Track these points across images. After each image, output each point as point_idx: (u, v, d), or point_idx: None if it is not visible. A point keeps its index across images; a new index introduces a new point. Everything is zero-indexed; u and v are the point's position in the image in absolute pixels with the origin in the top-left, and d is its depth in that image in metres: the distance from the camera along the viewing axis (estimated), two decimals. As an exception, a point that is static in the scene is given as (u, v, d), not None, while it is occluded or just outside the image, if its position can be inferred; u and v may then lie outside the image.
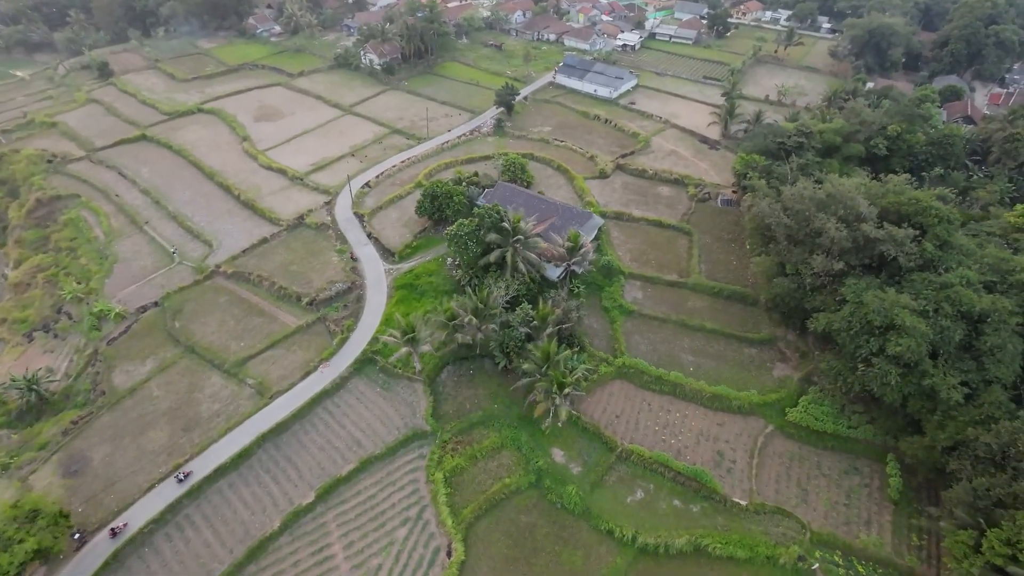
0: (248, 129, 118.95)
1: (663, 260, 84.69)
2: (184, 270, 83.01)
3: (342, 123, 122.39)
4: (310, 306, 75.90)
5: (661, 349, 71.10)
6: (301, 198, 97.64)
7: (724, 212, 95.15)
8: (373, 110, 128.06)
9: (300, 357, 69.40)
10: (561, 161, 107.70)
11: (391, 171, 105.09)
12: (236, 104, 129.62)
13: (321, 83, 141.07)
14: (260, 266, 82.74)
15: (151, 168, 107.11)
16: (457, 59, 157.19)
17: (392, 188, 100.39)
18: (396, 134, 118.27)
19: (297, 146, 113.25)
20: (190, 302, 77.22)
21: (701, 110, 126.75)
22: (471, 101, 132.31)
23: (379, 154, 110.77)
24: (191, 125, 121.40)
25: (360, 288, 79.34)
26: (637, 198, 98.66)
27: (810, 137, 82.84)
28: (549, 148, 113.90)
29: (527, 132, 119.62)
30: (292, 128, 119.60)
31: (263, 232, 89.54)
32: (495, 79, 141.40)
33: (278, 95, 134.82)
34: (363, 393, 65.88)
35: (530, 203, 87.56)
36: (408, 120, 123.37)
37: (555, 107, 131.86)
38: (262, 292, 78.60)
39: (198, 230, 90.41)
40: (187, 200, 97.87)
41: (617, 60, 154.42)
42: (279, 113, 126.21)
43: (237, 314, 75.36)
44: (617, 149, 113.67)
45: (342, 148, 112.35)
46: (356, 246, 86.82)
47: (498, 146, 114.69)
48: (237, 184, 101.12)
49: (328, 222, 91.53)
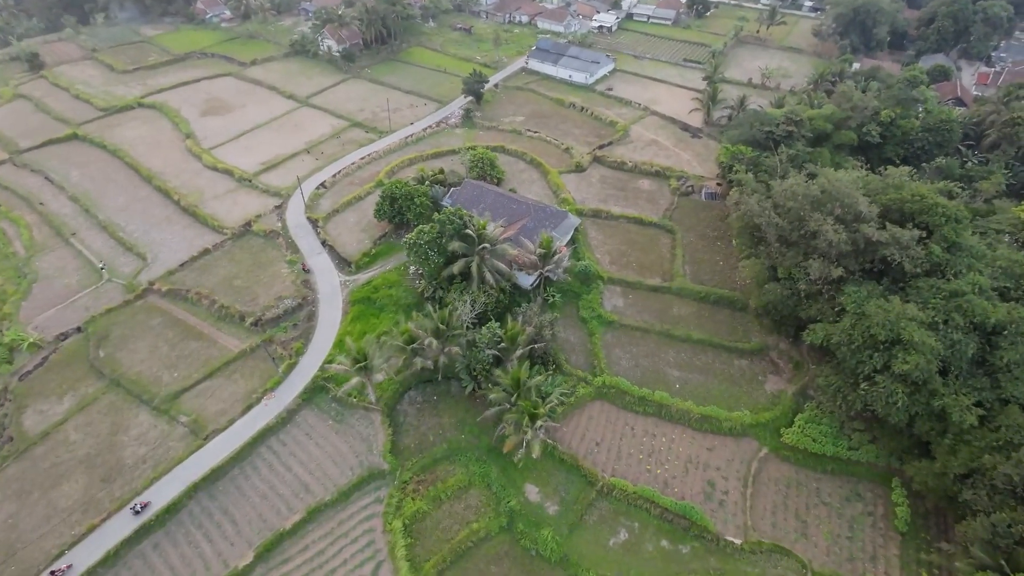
0: (193, 125, 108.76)
1: (645, 262, 78.24)
2: (113, 288, 74.12)
3: (297, 116, 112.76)
4: (255, 327, 67.92)
5: (644, 364, 64.90)
6: (249, 202, 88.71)
7: (708, 207, 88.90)
8: (332, 101, 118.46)
9: (242, 387, 61.69)
10: (534, 154, 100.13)
11: (350, 169, 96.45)
12: (181, 97, 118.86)
13: (276, 72, 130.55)
14: (200, 282, 74.24)
15: (82, 171, 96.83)
16: (424, 44, 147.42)
17: (350, 188, 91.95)
18: (356, 127, 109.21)
19: (247, 143, 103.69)
20: (118, 326, 68.60)
21: (682, 95, 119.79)
22: (438, 90, 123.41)
23: (337, 150, 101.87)
24: (129, 122, 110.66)
25: (312, 304, 71.47)
26: (616, 193, 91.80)
27: (800, 125, 76.54)
28: (521, 140, 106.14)
29: (498, 123, 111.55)
30: (242, 123, 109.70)
31: (205, 242, 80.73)
32: (464, 65, 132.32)
33: (228, 86, 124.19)
34: (313, 427, 58.59)
35: (500, 203, 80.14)
36: (370, 112, 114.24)
37: (528, 95, 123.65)
38: (201, 312, 70.28)
39: (131, 241, 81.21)
40: (121, 207, 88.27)
41: (593, 43, 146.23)
42: (228, 106, 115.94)
43: (172, 339, 67.07)
44: (594, 139, 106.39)
45: (296, 144, 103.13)
46: (309, 255, 78.67)
47: (467, 139, 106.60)
48: (178, 187, 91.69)
49: (278, 229, 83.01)
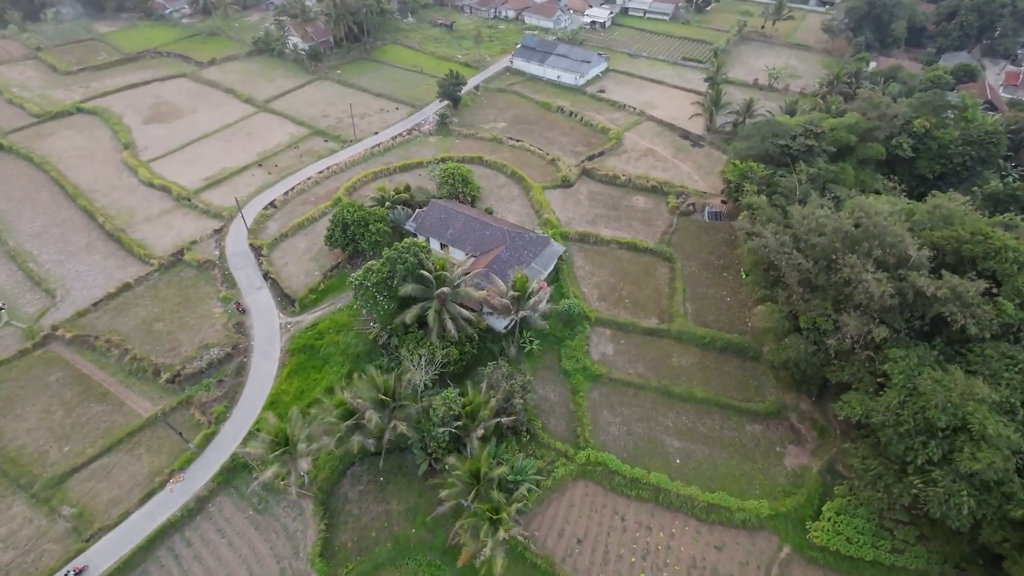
0: (134, 134, 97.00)
1: (639, 298, 67.10)
2: (11, 334, 62.61)
3: (253, 123, 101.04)
4: (171, 384, 56.57)
5: (638, 431, 53.83)
6: (185, 225, 77.16)
7: (712, 229, 77.77)
8: (293, 106, 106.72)
9: (146, 466, 50.42)
10: (516, 166, 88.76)
11: (305, 184, 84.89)
12: (126, 101, 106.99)
13: (235, 73, 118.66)
14: (114, 325, 62.84)
15: (0, 188, 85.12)
16: (400, 42, 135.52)
17: (303, 208, 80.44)
18: (317, 136, 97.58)
19: (192, 154, 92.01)
20: (7, 384, 57.12)
21: (681, 98, 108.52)
22: (412, 92, 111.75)
23: (293, 163, 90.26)
24: (64, 130, 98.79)
25: (244, 354, 60.14)
26: (607, 212, 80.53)
27: (820, 138, 65.30)
28: (502, 149, 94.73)
29: (477, 129, 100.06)
30: (189, 131, 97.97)
31: (127, 275, 69.22)
32: (443, 65, 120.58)
33: (180, 89, 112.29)
34: (229, 520, 47.39)
35: (471, 228, 68.90)
36: (334, 118, 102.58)
37: (511, 97, 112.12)
38: (110, 365, 58.87)
39: (41, 275, 69.65)
40: (37, 232, 76.60)
41: (584, 40, 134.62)
42: (177, 112, 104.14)
43: (70, 400, 55.69)
44: (583, 149, 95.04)
45: (248, 156, 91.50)
46: (247, 291, 67.31)
47: (441, 148, 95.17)
48: (106, 207, 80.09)
49: (215, 258, 71.54)
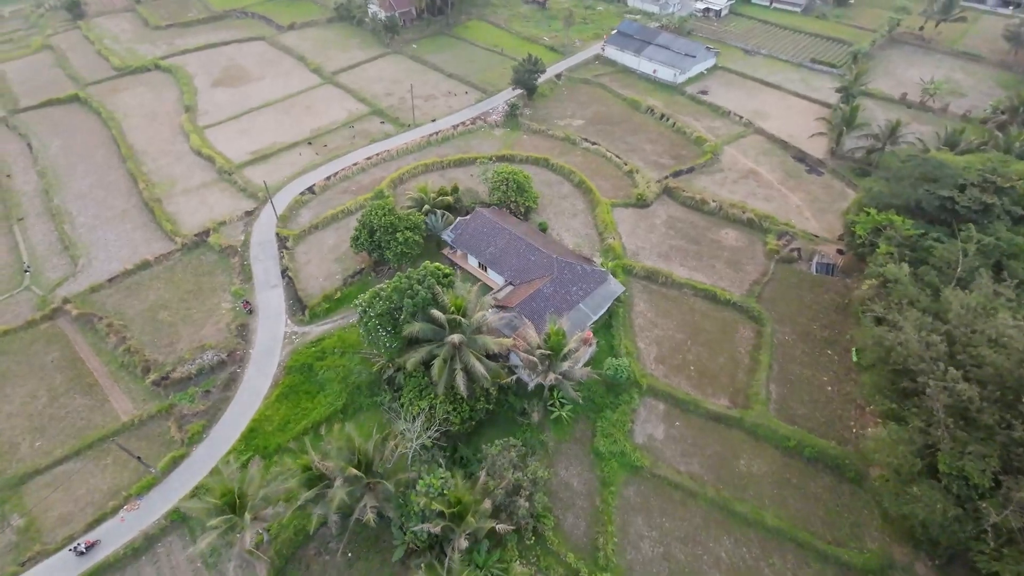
0: (199, 96, 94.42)
1: (709, 366, 53.20)
2: (28, 300, 60.47)
3: (314, 95, 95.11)
4: (157, 387, 51.21)
5: (679, 556, 41.16)
6: (220, 202, 72.35)
7: (820, 285, 61.27)
8: (359, 80, 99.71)
9: (108, 480, 45.19)
10: (586, 174, 75.97)
11: (350, 170, 77.39)
12: (201, 61, 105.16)
13: (311, 40, 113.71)
14: (121, 307, 58.75)
15: (65, 141, 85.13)
16: (486, 18, 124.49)
17: (342, 197, 73.01)
18: (375, 116, 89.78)
19: (247, 124, 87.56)
20: (5, 358, 54.56)
21: (802, 109, 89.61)
22: (487, 75, 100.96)
23: (343, 144, 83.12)
24: (138, 86, 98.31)
25: (240, 363, 53.65)
26: (686, 246, 66.14)
27: (1004, 194, 47.02)
28: (574, 152, 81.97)
29: (550, 125, 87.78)
30: (251, 99, 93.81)
31: (151, 250, 65.24)
32: (526, 47, 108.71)
33: (255, 53, 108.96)
34: (175, 569, 40.89)
35: (515, 249, 57.86)
36: (398, 97, 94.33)
37: (595, 91, 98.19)
38: (105, 352, 54.63)
39: (72, 238, 67.46)
40: (82, 191, 75.07)
41: (693, 30, 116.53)
42: (245, 76, 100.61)
43: (58, 387, 51.95)
44: (669, 161, 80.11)
45: (300, 131, 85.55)
46: (261, 288, 60.91)
47: (505, 143, 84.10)
48: (151, 173, 77.25)
49: (238, 244, 65.93)
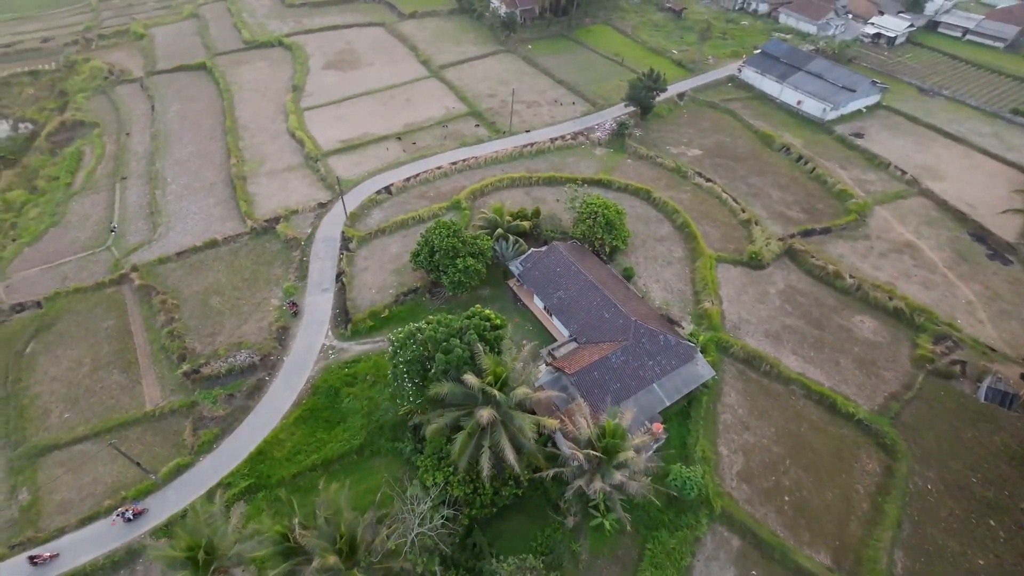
0: (309, 76, 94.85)
1: (812, 501, 40.82)
2: (105, 260, 61.89)
3: (417, 88, 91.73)
4: (187, 378, 49.04)
5: None
6: (299, 189, 70.50)
7: (989, 419, 45.67)
8: (465, 77, 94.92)
9: (115, 473, 43.22)
10: (692, 216, 64.74)
11: (433, 174, 72.35)
12: (319, 42, 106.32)
13: (428, 31, 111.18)
14: (180, 284, 58.00)
15: (183, 106, 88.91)
16: (612, 22, 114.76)
17: (417, 202, 68.07)
18: (472, 117, 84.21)
19: (345, 110, 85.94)
20: (70, 316, 55.55)
21: (991, 172, 71.03)
22: (600, 87, 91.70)
23: (432, 144, 78.42)
24: (259, 60, 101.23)
25: (270, 370, 50.15)
26: (805, 328, 53.03)
27: None
28: (683, 186, 70.71)
29: (660, 151, 76.94)
30: (356, 84, 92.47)
31: (223, 229, 64.56)
32: (650, 59, 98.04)
33: (371, 38, 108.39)
34: (147, 594, 37.68)
35: (588, 301, 48.96)
36: (501, 99, 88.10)
37: (722, 117, 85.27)
38: (154, 329, 53.75)
39: (160, 205, 68.77)
40: (182, 158, 77.07)
41: (855, 58, 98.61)
42: (356, 62, 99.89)
43: (102, 357, 51.64)
44: (800, 215, 66.27)
45: (393, 125, 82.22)
46: (313, 289, 57.37)
47: (605, 166, 74.73)
48: (245, 149, 77.65)
49: (304, 237, 63.20)
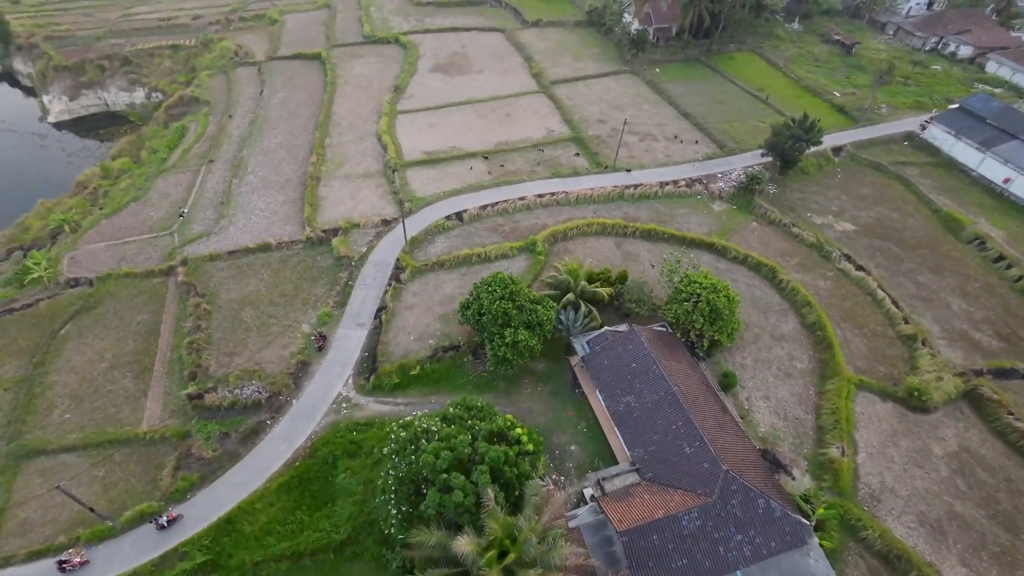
0: (414, 78, 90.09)
1: None
2: (165, 246, 59.86)
3: (521, 103, 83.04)
4: (189, 402, 43.82)
5: None
6: (367, 199, 64.52)
7: None
8: (578, 96, 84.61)
9: (89, 497, 38.61)
10: (830, 315, 49.09)
11: (513, 204, 62.93)
12: (434, 43, 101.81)
13: (549, 41, 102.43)
14: (221, 288, 53.83)
15: (287, 95, 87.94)
16: (762, 51, 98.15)
17: (488, 236, 58.96)
18: (573, 143, 73.72)
19: (440, 118, 79.48)
20: (112, 301, 53.38)
21: None
22: (733, 126, 76.87)
23: (522, 168, 69.08)
24: (371, 56, 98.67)
25: (275, 413, 43.47)
26: (984, 524, 36.05)
27: None
28: (823, 270, 54.77)
29: (797, 218, 61.25)
30: (459, 91, 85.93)
31: (281, 232, 60.08)
32: (803, 101, 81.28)
33: (487, 44, 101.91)
34: (62, 671, 31.80)
35: (665, 417, 36.64)
36: (612, 127, 76.67)
37: (890, 185, 66.90)
38: (179, 335, 49.67)
39: (232, 194, 66.30)
40: (270, 148, 74.84)
41: (1099, 129, 73.87)
42: (465, 67, 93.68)
43: (124, 354, 48.25)
44: (993, 342, 47.75)
45: (484, 141, 74.11)
46: (347, 321, 50.26)
47: (723, 226, 60.71)
48: (331, 147, 73.73)
49: (357, 256, 56.70)
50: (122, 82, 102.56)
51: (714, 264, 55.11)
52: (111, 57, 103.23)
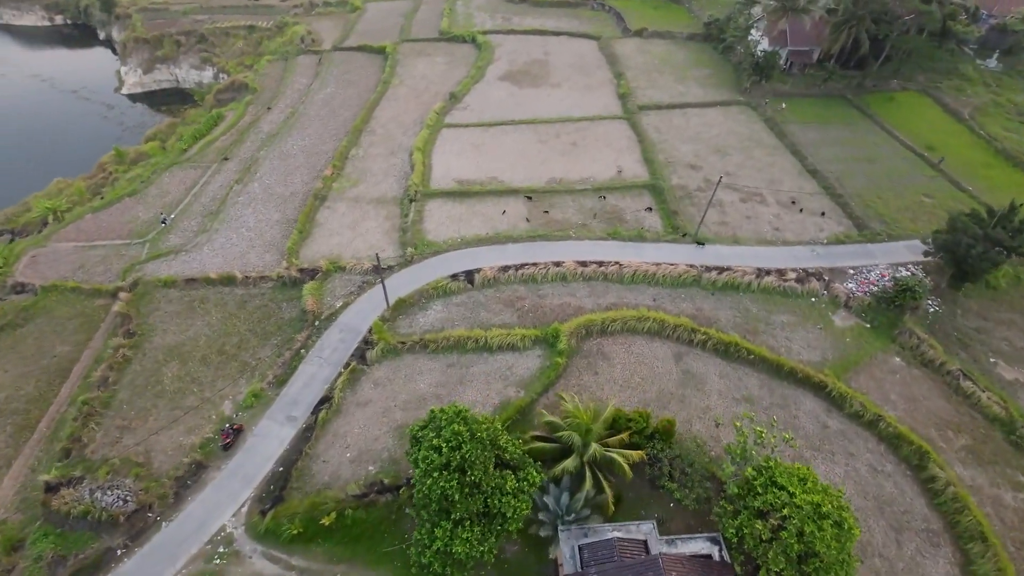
0: (478, 85, 76.52)
1: None
2: (131, 257, 51.05)
3: (595, 130, 66.41)
4: (47, 492, 33.06)
5: None
6: (370, 233, 51.61)
7: None
8: (669, 130, 66.36)
9: None
10: (1006, 540, 28.22)
11: (545, 270, 46.76)
12: (514, 46, 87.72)
13: (649, 55, 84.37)
14: (158, 328, 43.30)
15: (336, 90, 78.05)
16: (938, 93, 72.87)
17: (498, 312, 43.51)
18: (646, 192, 55.95)
19: (491, 138, 65.15)
20: (45, 319, 44.74)
21: None
22: (885, 199, 54.86)
23: (572, 219, 52.65)
24: (440, 55, 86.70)
25: (133, 538, 31.45)
26: None
27: None
28: (1008, 470, 33.31)
29: (974, 361, 39.51)
30: (524, 106, 71.06)
31: (256, 262, 48.95)
32: (1001, 175, 57.26)
33: (575, 52, 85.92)
34: None
35: None
36: (704, 176, 57.96)
37: None
38: (85, 385, 39.75)
39: (227, 203, 56.49)
40: (291, 151, 64.73)
41: None
42: (541, 77, 78.54)
43: (18, 400, 38.88)
44: None
45: (536, 175, 58.54)
46: (276, 412, 37.23)
47: (843, 355, 40.51)
48: (355, 158, 62.26)
49: (326, 313, 43.93)
50: (194, 60, 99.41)
51: (820, 420, 35.90)
52: (189, 33, 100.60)
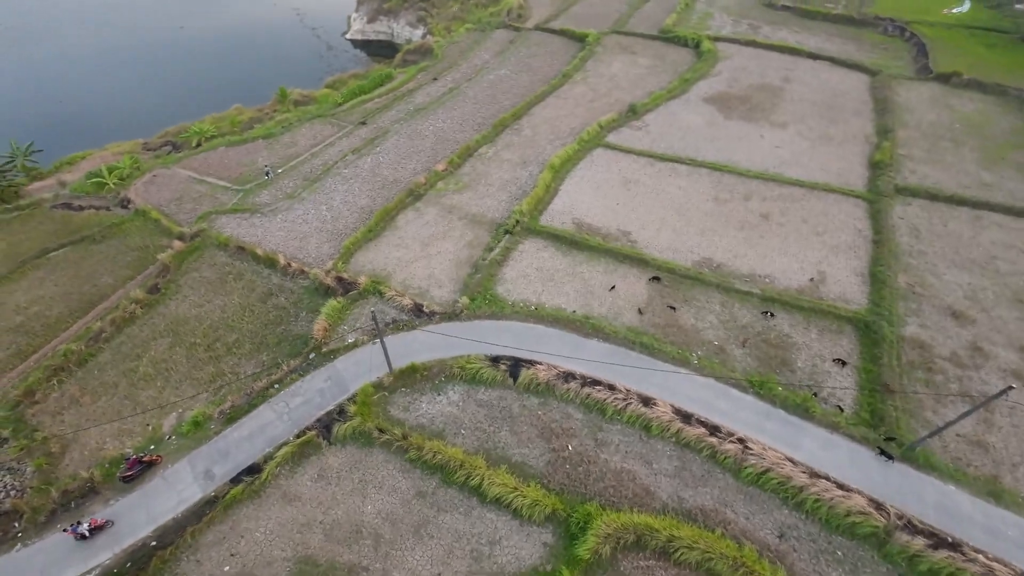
0: (671, 103, 59.15)
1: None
2: (222, 201, 48.39)
3: (810, 206, 44.32)
4: None
5: None
6: (438, 257, 40.59)
7: None
8: (940, 238, 41.16)
9: None
10: None
11: (623, 405, 30.02)
12: (745, 61, 67.02)
13: (945, 113, 56.21)
14: (183, 290, 39.06)
15: (508, 74, 67.96)
16: None
17: (521, 442, 28.82)
18: (846, 330, 33.89)
19: (651, 177, 48.19)
20: (114, 243, 44.10)
21: None
22: None
23: (703, 335, 34.19)
24: (645, 56, 70.32)
25: (45, 521, 26.38)
26: None
27: None
28: None
29: None
30: (715, 144, 51.88)
31: (306, 253, 41.92)
32: None
33: (829, 86, 61.84)
34: None
35: None
36: (970, 342, 33.52)
37: None
38: (82, 336, 36.91)
39: (328, 174, 50.90)
40: (424, 132, 56.49)
41: None
42: (761, 110, 57.47)
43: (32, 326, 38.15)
44: None
45: (683, 247, 40.52)
46: (200, 456, 29.13)
47: None
48: (480, 158, 51.76)
49: (328, 348, 34.45)
50: (411, 17, 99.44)
51: None
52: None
